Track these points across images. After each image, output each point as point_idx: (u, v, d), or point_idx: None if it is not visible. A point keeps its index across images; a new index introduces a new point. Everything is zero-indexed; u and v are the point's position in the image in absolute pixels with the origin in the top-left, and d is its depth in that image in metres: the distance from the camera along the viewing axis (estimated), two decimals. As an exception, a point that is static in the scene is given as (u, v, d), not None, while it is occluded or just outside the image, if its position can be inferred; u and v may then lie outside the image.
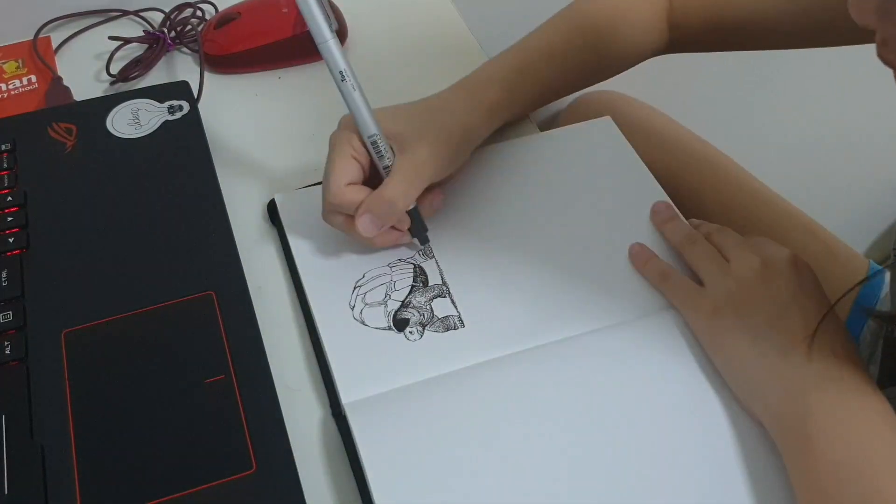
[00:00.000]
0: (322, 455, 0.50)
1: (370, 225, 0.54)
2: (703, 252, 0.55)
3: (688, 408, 0.49)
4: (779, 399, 0.47)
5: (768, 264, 0.51)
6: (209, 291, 0.54)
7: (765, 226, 0.61)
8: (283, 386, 0.51)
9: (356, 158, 0.54)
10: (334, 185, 0.54)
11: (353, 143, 0.54)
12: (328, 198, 0.54)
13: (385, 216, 0.54)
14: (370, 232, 0.54)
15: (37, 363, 0.51)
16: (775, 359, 0.48)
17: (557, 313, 0.54)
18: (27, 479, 0.46)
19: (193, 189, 0.60)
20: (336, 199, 0.54)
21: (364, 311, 0.54)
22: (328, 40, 0.51)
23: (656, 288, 0.55)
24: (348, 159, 0.54)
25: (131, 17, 0.77)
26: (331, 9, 0.51)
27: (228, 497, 0.45)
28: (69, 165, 0.62)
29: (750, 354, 0.49)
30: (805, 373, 0.47)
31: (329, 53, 0.51)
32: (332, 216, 0.55)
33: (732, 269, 0.52)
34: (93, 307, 0.53)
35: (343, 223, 0.55)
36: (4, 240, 0.57)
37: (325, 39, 0.51)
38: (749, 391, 0.49)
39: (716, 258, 0.54)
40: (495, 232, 0.59)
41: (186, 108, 0.66)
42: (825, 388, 0.46)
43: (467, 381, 0.50)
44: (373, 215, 0.53)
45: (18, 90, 0.72)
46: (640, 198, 0.61)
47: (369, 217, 0.53)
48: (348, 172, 0.54)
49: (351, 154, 0.54)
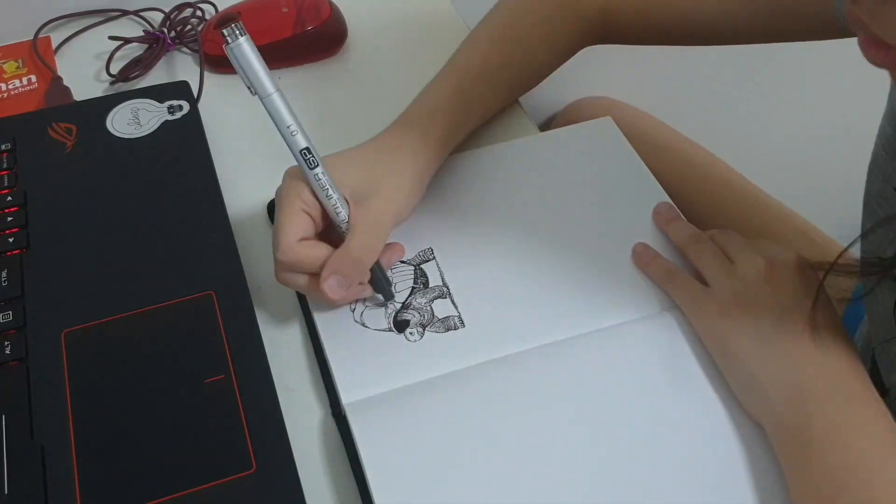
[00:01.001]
0: (322, 455, 0.50)
1: (338, 287, 0.51)
2: (708, 252, 0.54)
3: (687, 409, 0.49)
4: (780, 403, 0.47)
5: (774, 266, 0.51)
6: (209, 291, 0.54)
7: (760, 230, 0.61)
8: (283, 386, 0.51)
9: (307, 212, 0.51)
10: (285, 242, 0.50)
11: (304, 195, 0.51)
12: (279, 256, 0.51)
13: (353, 276, 0.52)
14: (338, 294, 0.51)
15: (37, 363, 0.51)
16: (779, 363, 0.48)
17: (558, 314, 0.54)
18: (27, 479, 0.46)
19: (193, 189, 0.60)
20: (287, 256, 0.51)
21: (364, 313, 0.54)
22: (272, 94, 0.48)
23: (661, 287, 0.55)
24: (299, 213, 0.51)
25: (131, 17, 0.77)
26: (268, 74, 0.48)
27: (228, 497, 0.45)
28: (69, 165, 0.62)
29: (754, 357, 0.49)
30: (807, 379, 0.47)
31: (275, 109, 0.49)
32: (287, 276, 0.52)
33: (738, 271, 0.52)
34: (93, 307, 0.53)
35: (306, 284, 0.52)
36: (4, 240, 0.57)
37: (268, 94, 0.48)
38: (751, 393, 0.49)
39: (721, 259, 0.53)
40: (495, 233, 0.59)
41: (186, 108, 0.66)
42: (827, 396, 0.46)
43: (467, 382, 0.50)
44: (340, 276, 0.51)
45: (18, 90, 0.72)
46: (640, 198, 0.61)
47: (336, 279, 0.51)
48: (300, 227, 0.51)
49: (301, 207, 0.51)
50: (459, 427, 0.48)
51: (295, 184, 0.52)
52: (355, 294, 0.54)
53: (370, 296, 0.55)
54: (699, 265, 0.55)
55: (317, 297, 0.53)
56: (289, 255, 0.51)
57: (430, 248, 0.58)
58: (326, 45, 0.75)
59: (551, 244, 0.58)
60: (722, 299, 0.51)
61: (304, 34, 0.72)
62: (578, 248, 0.58)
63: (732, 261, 0.53)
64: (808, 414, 0.45)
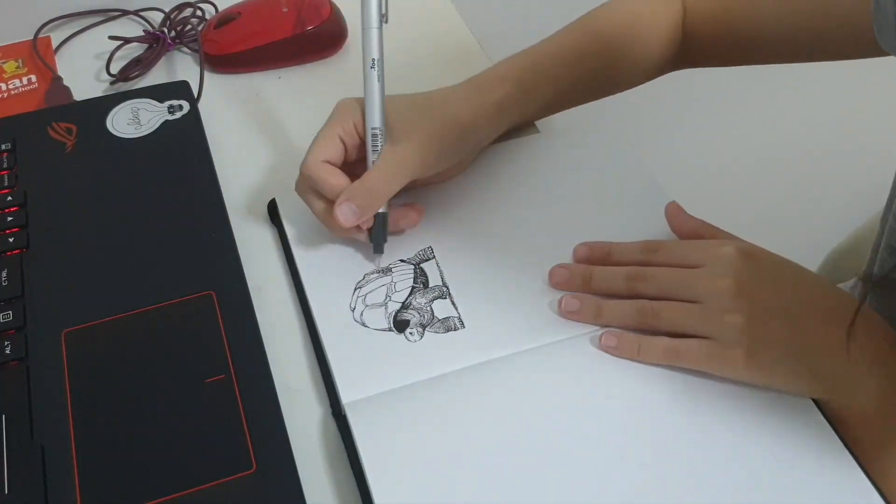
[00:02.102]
0: (322, 455, 0.50)
1: (350, 214, 0.53)
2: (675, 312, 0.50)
3: (687, 409, 0.49)
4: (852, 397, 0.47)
5: (738, 280, 0.48)
6: (209, 291, 0.54)
7: None
8: (283, 386, 0.51)
9: (342, 139, 0.54)
10: (311, 157, 0.54)
11: (348, 124, 0.54)
12: (302, 169, 0.54)
13: (366, 206, 0.53)
14: (350, 221, 0.53)
15: (37, 363, 0.51)
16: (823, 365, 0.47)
17: (558, 314, 0.54)
18: (27, 479, 0.46)
19: (193, 189, 0.60)
20: (307, 170, 0.54)
21: (364, 313, 0.54)
22: (373, 27, 0.53)
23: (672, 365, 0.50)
24: (334, 138, 0.54)
25: (131, 16, 0.77)
26: (387, 4, 0.53)
27: (228, 497, 0.45)
28: (69, 165, 0.62)
29: (803, 375, 0.48)
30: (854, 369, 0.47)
31: (369, 40, 0.53)
32: (306, 194, 0.55)
33: (713, 307, 0.48)
34: (93, 307, 0.53)
35: (321, 209, 0.55)
36: (4, 240, 0.57)
37: (371, 26, 0.53)
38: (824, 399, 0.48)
39: (685, 309, 0.50)
40: (496, 233, 0.59)
41: (186, 108, 0.66)
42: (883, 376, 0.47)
43: (467, 382, 0.50)
44: (353, 204, 0.53)
45: (18, 90, 0.72)
46: (640, 198, 0.61)
47: (349, 206, 0.53)
48: (329, 150, 0.54)
49: (339, 133, 0.54)
50: (459, 427, 0.48)
51: (347, 110, 0.55)
52: (353, 233, 0.55)
53: (364, 240, 0.56)
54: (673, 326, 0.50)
55: (328, 223, 0.55)
56: (310, 170, 0.54)
57: (429, 246, 0.58)
58: (326, 45, 0.75)
59: (551, 244, 0.58)
60: (737, 343, 0.48)
61: (304, 34, 0.72)
62: (578, 248, 0.58)
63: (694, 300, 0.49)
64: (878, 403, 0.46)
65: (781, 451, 0.47)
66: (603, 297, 0.53)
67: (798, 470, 0.47)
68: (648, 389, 0.50)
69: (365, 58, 0.53)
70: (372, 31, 0.53)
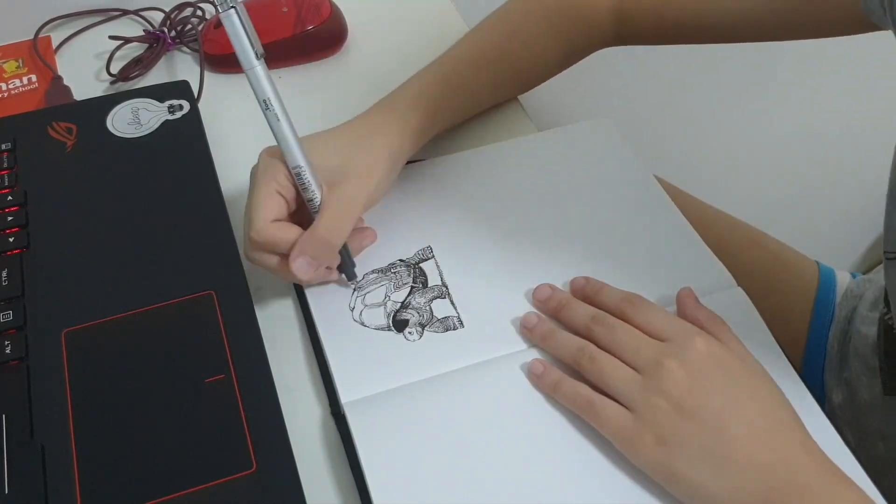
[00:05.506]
0: (322, 455, 0.50)
1: (307, 267, 0.51)
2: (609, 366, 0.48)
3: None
4: None
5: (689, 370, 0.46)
6: (209, 291, 0.54)
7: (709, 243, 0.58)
8: (283, 386, 0.51)
9: (281, 193, 0.52)
10: (258, 221, 0.51)
11: (279, 176, 0.52)
12: (251, 235, 0.51)
13: (321, 257, 0.52)
14: (307, 274, 0.52)
15: (37, 363, 0.51)
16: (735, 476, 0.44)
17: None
18: (27, 479, 0.46)
19: (193, 189, 0.61)
20: (260, 236, 0.51)
21: (364, 313, 0.54)
22: (255, 67, 0.49)
23: (579, 415, 0.48)
24: (273, 195, 0.52)
25: (131, 16, 0.77)
26: (256, 36, 0.49)
27: (228, 497, 0.45)
28: (69, 165, 0.62)
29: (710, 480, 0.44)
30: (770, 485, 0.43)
31: (255, 80, 0.50)
32: (258, 255, 0.53)
33: (649, 382, 0.46)
34: (93, 307, 0.53)
35: (276, 265, 0.52)
36: (4, 239, 0.57)
37: (251, 66, 0.49)
38: None
39: (621, 369, 0.48)
40: (494, 233, 0.59)
41: (186, 108, 0.66)
42: None
43: (466, 381, 0.50)
44: (308, 257, 0.51)
45: (18, 90, 0.72)
46: (639, 198, 0.61)
47: (305, 259, 0.51)
48: (273, 208, 0.52)
49: (276, 189, 0.52)
50: (458, 426, 0.48)
51: (272, 163, 0.52)
52: (323, 276, 0.54)
53: (335, 279, 0.56)
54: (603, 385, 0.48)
55: (286, 277, 0.53)
56: (262, 235, 0.51)
57: (428, 246, 0.58)
58: (326, 45, 0.75)
59: (550, 244, 0.58)
60: (655, 425, 0.45)
61: (304, 34, 0.73)
62: (577, 247, 0.58)
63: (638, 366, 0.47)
64: None
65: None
66: (565, 328, 0.52)
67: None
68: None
69: (258, 101, 0.50)
70: (255, 71, 0.49)
